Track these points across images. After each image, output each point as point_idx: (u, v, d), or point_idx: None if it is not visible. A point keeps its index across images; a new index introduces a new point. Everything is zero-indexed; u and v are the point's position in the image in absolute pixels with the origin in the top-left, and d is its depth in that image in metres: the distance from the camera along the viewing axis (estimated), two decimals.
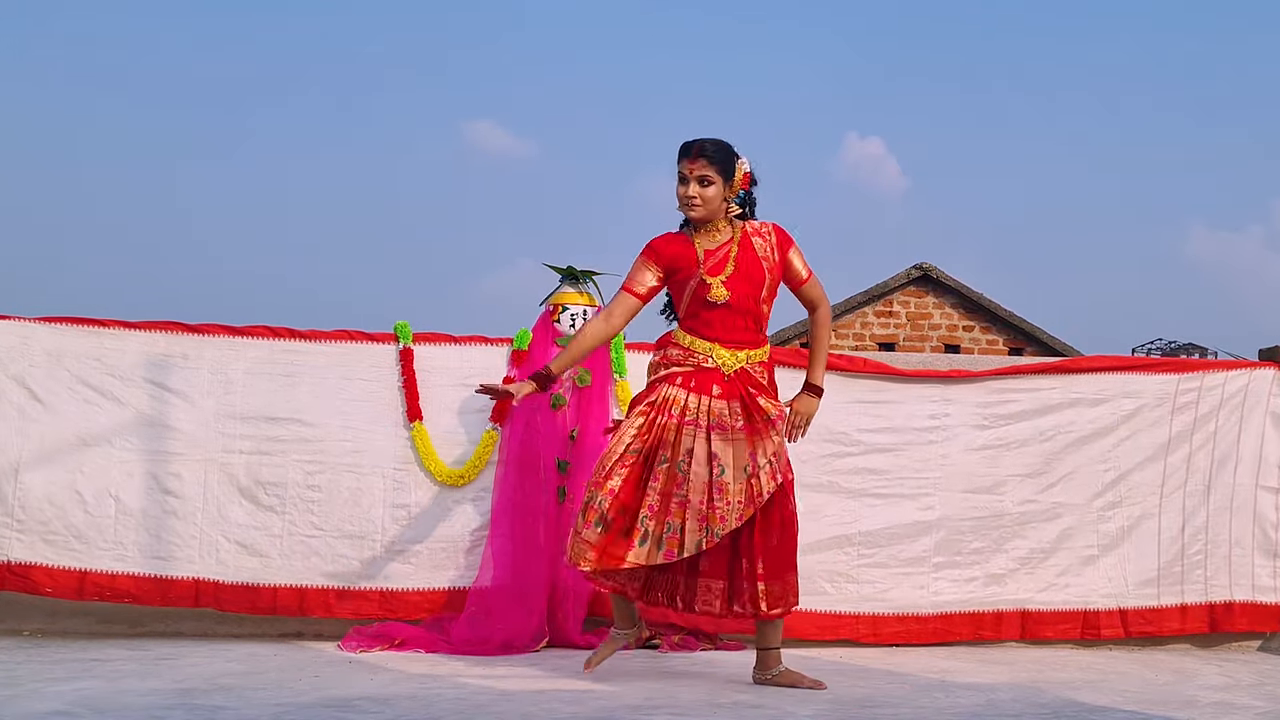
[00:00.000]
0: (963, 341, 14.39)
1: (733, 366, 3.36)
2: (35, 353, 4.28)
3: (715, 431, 3.30)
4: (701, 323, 3.38)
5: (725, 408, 3.32)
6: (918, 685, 3.51)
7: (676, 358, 3.40)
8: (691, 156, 3.33)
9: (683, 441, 3.29)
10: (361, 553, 4.28)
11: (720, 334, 3.37)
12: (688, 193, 3.35)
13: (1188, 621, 4.60)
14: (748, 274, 3.37)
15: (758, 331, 3.43)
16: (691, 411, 3.31)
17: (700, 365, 3.36)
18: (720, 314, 3.36)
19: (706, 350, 3.36)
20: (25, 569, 4.17)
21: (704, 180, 3.34)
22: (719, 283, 3.34)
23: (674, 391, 3.34)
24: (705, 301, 3.35)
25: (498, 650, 3.97)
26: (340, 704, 2.95)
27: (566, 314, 4.39)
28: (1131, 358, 5.07)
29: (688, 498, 3.26)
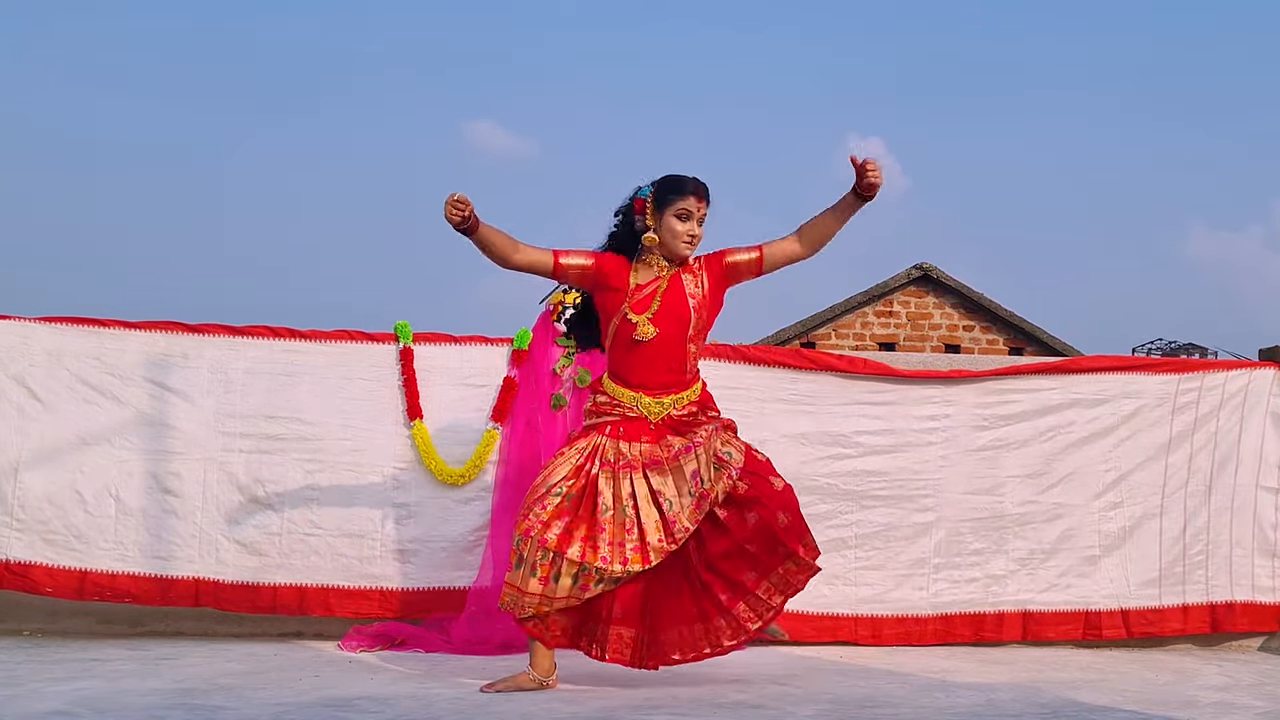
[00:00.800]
0: (963, 341, 14.39)
1: (659, 414, 3.32)
2: (35, 352, 4.28)
3: (650, 469, 3.26)
4: (625, 367, 3.34)
5: (654, 448, 3.30)
6: (918, 685, 3.51)
7: (604, 406, 3.36)
8: (699, 196, 3.32)
9: (622, 486, 3.24)
10: (361, 552, 4.28)
11: (645, 379, 3.32)
12: (692, 231, 3.33)
13: (1189, 622, 4.60)
14: (674, 313, 3.32)
15: (684, 372, 3.37)
16: (625, 457, 3.27)
17: (625, 415, 3.32)
18: (644, 356, 3.31)
19: (631, 400, 3.33)
20: (25, 568, 4.17)
21: (701, 220, 3.35)
22: (645, 320, 3.30)
23: (602, 441, 3.30)
24: (630, 341, 3.31)
25: (498, 650, 3.97)
26: (340, 704, 2.95)
27: (566, 314, 4.39)
28: (1131, 358, 5.06)
29: (642, 540, 3.20)
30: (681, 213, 3.32)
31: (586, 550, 3.18)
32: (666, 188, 3.36)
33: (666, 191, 3.35)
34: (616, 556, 3.18)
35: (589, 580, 3.19)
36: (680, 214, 3.32)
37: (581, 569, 3.18)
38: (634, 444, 3.29)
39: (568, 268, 3.33)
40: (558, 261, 3.31)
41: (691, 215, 3.32)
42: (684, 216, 3.32)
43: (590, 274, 3.36)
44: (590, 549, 3.18)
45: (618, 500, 3.23)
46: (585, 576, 3.19)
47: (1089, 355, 5.08)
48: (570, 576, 3.18)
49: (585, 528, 3.22)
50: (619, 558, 3.18)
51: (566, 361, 4.39)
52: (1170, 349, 16.31)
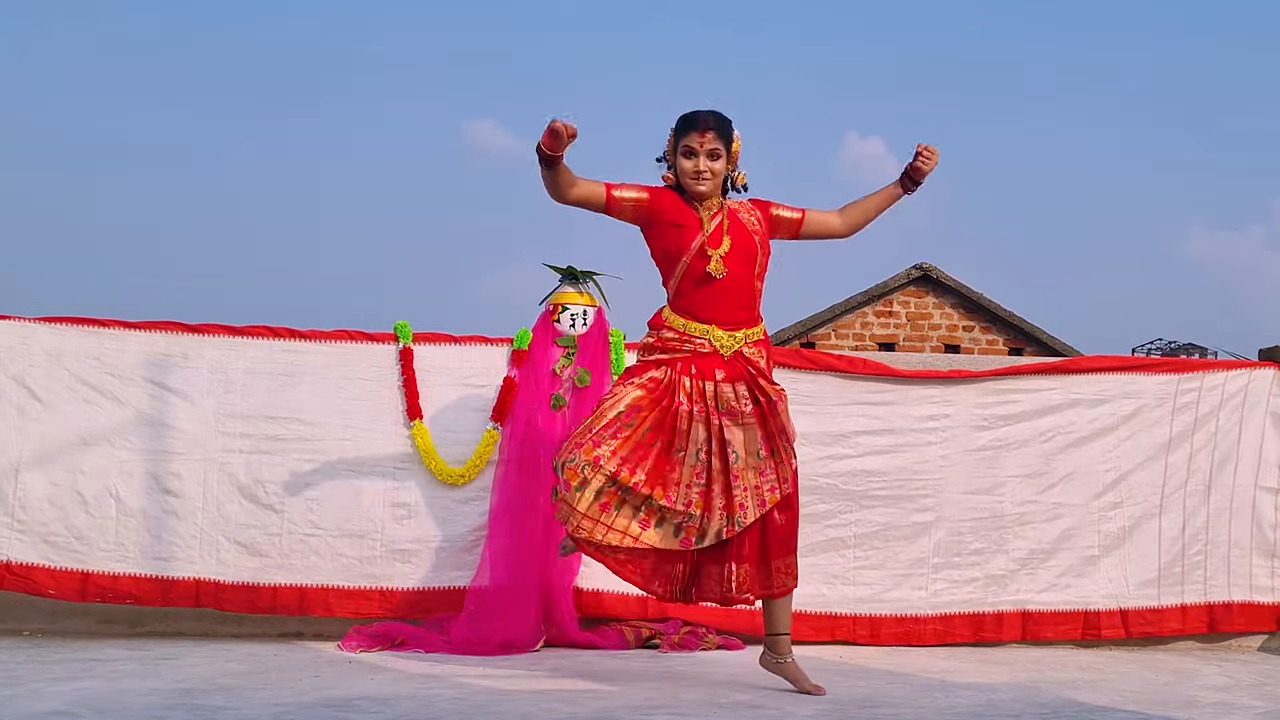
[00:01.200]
0: (963, 341, 14.39)
1: (731, 348, 3.28)
2: (35, 353, 4.28)
3: (726, 418, 3.24)
4: (695, 303, 3.29)
5: (732, 392, 3.25)
6: (918, 685, 3.51)
7: (671, 342, 3.30)
8: (700, 129, 3.26)
9: (695, 430, 3.22)
10: (361, 552, 4.28)
11: (715, 314, 3.28)
12: (698, 167, 3.27)
13: (1187, 622, 4.60)
14: (743, 248, 3.30)
15: (752, 309, 3.36)
16: (699, 399, 3.24)
17: (697, 350, 3.29)
18: (715, 292, 3.28)
19: (703, 333, 3.28)
20: (28, 570, 4.17)
21: (713, 154, 3.28)
22: (718, 256, 3.26)
23: (678, 377, 3.26)
24: (702, 276, 3.26)
25: (497, 650, 3.97)
26: (340, 704, 2.95)
27: (566, 314, 4.39)
28: (1131, 358, 5.06)
29: (709, 488, 3.20)
30: (685, 150, 3.28)
31: (656, 487, 3.18)
32: (676, 127, 3.34)
33: (676, 131, 3.33)
34: (681, 498, 3.18)
35: (650, 517, 3.18)
36: (684, 151, 3.29)
37: (647, 502, 3.18)
38: (709, 382, 3.25)
39: (621, 200, 3.29)
40: (610, 194, 3.27)
41: (696, 151, 3.26)
42: (688, 154, 3.28)
43: (645, 208, 3.31)
44: (660, 486, 3.18)
45: (693, 443, 3.21)
46: (649, 511, 3.18)
47: (1089, 355, 5.08)
48: (632, 508, 3.18)
49: (654, 462, 3.20)
50: (684, 499, 3.18)
51: (566, 361, 4.39)
52: (1170, 349, 16.30)
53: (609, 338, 4.44)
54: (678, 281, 3.32)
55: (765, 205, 3.42)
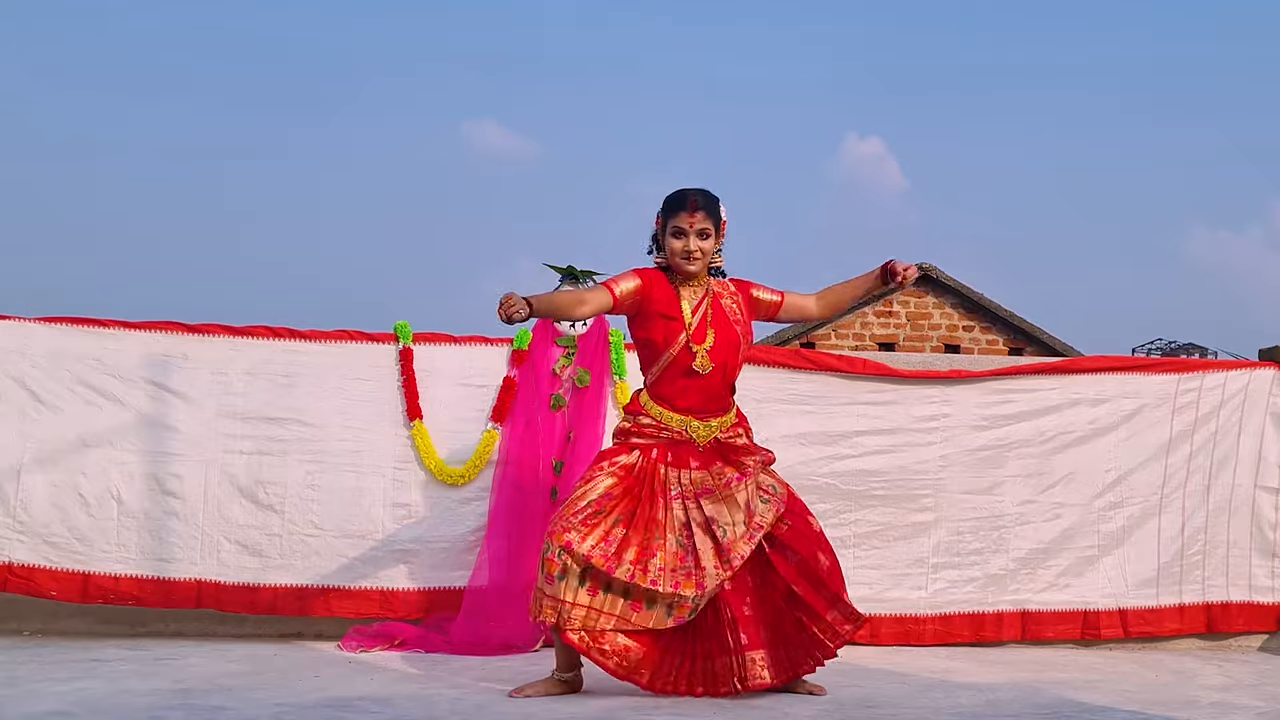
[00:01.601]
0: (963, 341, 14.39)
1: (707, 438, 3.28)
2: (36, 353, 4.28)
3: (704, 497, 3.21)
4: (676, 391, 3.27)
5: (706, 475, 3.25)
6: (918, 685, 3.51)
7: (648, 428, 3.28)
8: (690, 210, 3.24)
9: (674, 515, 3.18)
10: (361, 552, 4.28)
11: (695, 404, 3.27)
12: (688, 247, 3.25)
13: (1186, 621, 4.61)
14: (727, 341, 3.28)
15: (727, 397, 3.34)
16: (675, 485, 3.22)
17: (673, 439, 3.26)
18: (696, 385, 3.26)
19: (681, 425, 3.27)
20: (29, 571, 4.18)
21: (703, 233, 3.26)
22: (703, 352, 3.25)
23: (653, 466, 3.23)
24: (686, 370, 3.25)
25: (497, 650, 3.97)
26: (340, 704, 2.95)
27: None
28: (1131, 358, 5.07)
29: (696, 566, 3.14)
30: (675, 230, 3.27)
31: (636, 571, 3.12)
32: (665, 206, 3.32)
33: (664, 210, 3.32)
34: (667, 581, 3.11)
35: (640, 600, 3.13)
36: (674, 231, 3.27)
37: (630, 589, 3.13)
38: (684, 471, 3.24)
39: (624, 296, 3.27)
40: (614, 295, 3.26)
41: (685, 232, 3.25)
42: (678, 234, 3.26)
43: (640, 296, 3.28)
44: (640, 570, 3.12)
45: (671, 528, 3.18)
46: (637, 595, 3.13)
47: (1089, 355, 5.08)
48: (619, 595, 3.13)
49: (636, 550, 3.15)
50: (670, 582, 3.11)
51: (566, 361, 4.40)
52: (1170, 349, 16.30)
53: (609, 338, 4.44)
54: (660, 371, 3.30)
55: (746, 287, 3.40)
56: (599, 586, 3.13)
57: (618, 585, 3.13)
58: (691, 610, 3.13)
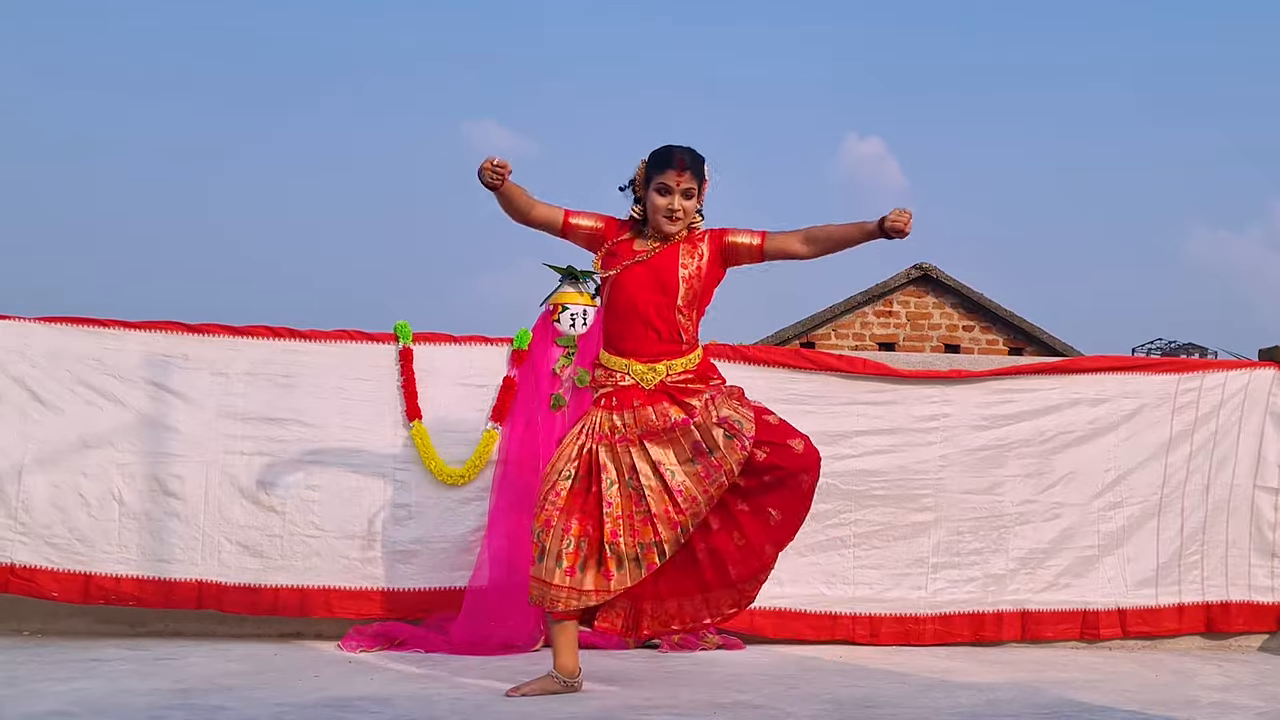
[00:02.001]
0: (963, 341, 14.38)
1: (651, 381, 3.23)
2: (36, 353, 4.28)
3: (648, 440, 3.19)
4: (615, 335, 3.29)
5: (650, 412, 3.20)
6: (918, 685, 3.52)
7: (601, 378, 3.30)
8: (678, 168, 3.23)
9: (622, 459, 3.18)
10: (362, 553, 4.28)
11: (633, 346, 3.25)
12: (671, 205, 3.24)
13: (1184, 621, 4.61)
14: (662, 282, 3.24)
15: (677, 341, 3.27)
16: (620, 429, 3.21)
17: (618, 384, 3.25)
18: (629, 325, 3.25)
19: (623, 367, 3.25)
20: (30, 572, 4.18)
21: (687, 193, 3.25)
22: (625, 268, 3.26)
23: (599, 415, 3.24)
24: (616, 308, 3.27)
25: (498, 650, 3.97)
26: (340, 704, 2.95)
27: (566, 314, 4.39)
28: (1131, 358, 5.07)
29: (650, 511, 3.15)
30: (660, 186, 3.24)
31: (605, 527, 3.14)
32: (651, 161, 3.30)
33: (651, 165, 3.30)
34: (624, 530, 3.15)
35: (609, 562, 3.15)
36: (659, 188, 3.24)
37: (601, 549, 3.15)
38: (626, 412, 3.21)
39: (577, 226, 3.31)
40: (567, 220, 3.30)
41: (671, 190, 3.23)
42: (663, 191, 3.24)
43: (598, 236, 3.32)
44: (607, 525, 3.14)
45: (620, 475, 3.18)
46: (604, 558, 3.15)
47: (1089, 355, 5.08)
48: (595, 562, 3.15)
49: (592, 504, 3.17)
50: (627, 531, 3.15)
51: (566, 361, 4.39)
52: (1170, 349, 16.29)
53: None
54: (604, 313, 3.34)
55: (720, 234, 3.34)
56: (576, 563, 3.14)
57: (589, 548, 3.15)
58: (659, 556, 3.15)
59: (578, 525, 3.15)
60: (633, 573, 3.16)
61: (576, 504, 3.17)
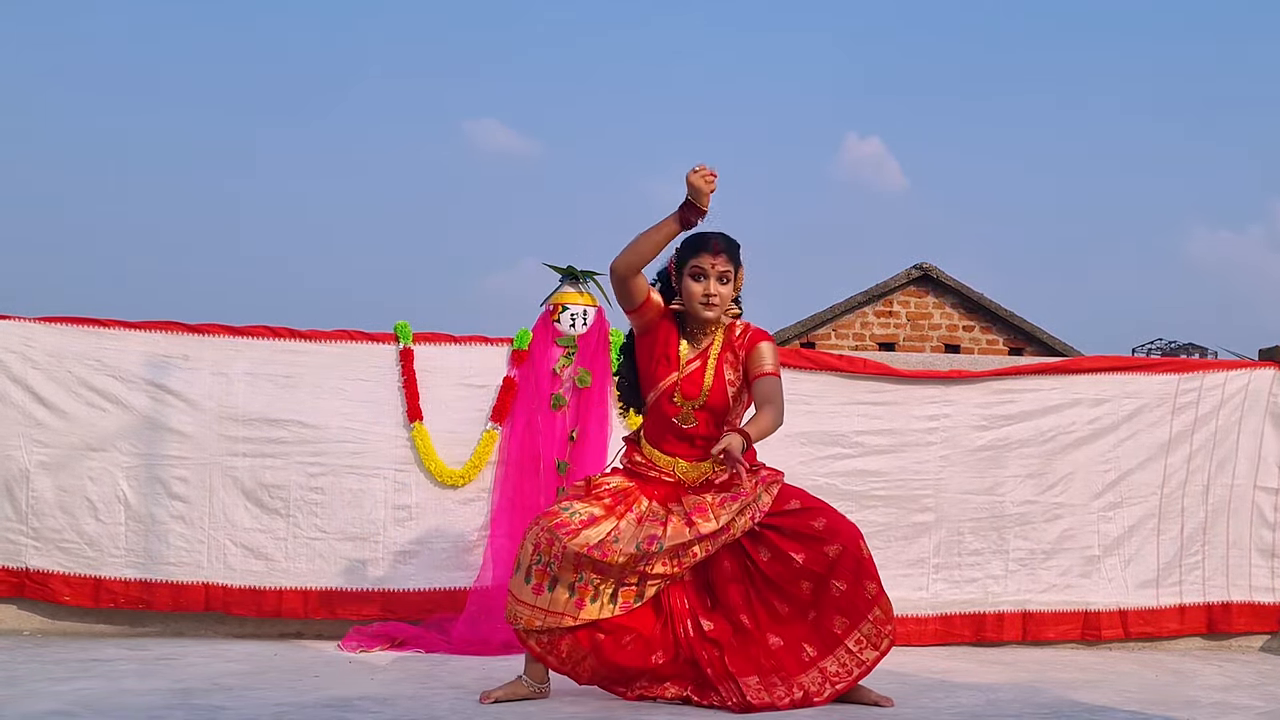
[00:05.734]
0: (963, 341, 14.38)
1: (696, 479, 3.15)
2: (38, 355, 4.29)
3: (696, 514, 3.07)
4: (661, 437, 3.17)
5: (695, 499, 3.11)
6: (918, 685, 3.51)
7: (641, 466, 3.19)
8: (713, 251, 3.10)
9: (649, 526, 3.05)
10: (364, 554, 4.28)
11: (683, 451, 3.15)
12: (708, 290, 3.09)
13: (1186, 622, 4.61)
14: (714, 403, 3.13)
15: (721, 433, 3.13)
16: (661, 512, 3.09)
17: (662, 478, 3.15)
18: (681, 433, 3.14)
19: (668, 465, 3.15)
20: (44, 577, 4.21)
21: (723, 277, 3.11)
22: (690, 410, 3.12)
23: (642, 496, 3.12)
24: (668, 419, 3.14)
25: (498, 650, 3.97)
26: (340, 704, 2.95)
27: (566, 314, 4.39)
28: (1131, 358, 5.07)
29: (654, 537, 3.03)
30: (695, 271, 3.11)
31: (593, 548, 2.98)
32: (683, 247, 3.15)
33: (683, 251, 3.15)
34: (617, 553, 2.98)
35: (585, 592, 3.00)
36: (694, 273, 3.11)
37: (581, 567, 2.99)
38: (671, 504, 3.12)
39: (652, 304, 3.12)
40: (649, 295, 3.11)
41: (707, 274, 3.09)
42: (698, 275, 3.10)
43: (659, 316, 3.16)
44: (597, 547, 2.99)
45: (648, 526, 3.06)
46: (581, 588, 3.00)
47: (1089, 355, 5.08)
48: (566, 587, 3.00)
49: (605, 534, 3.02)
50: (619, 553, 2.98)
51: (566, 361, 4.39)
52: (1170, 349, 16.29)
53: (609, 338, 4.44)
54: (651, 404, 3.19)
55: (760, 337, 3.18)
56: (545, 582, 3.01)
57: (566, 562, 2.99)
58: (638, 596, 3.03)
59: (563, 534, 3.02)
60: (604, 608, 3.03)
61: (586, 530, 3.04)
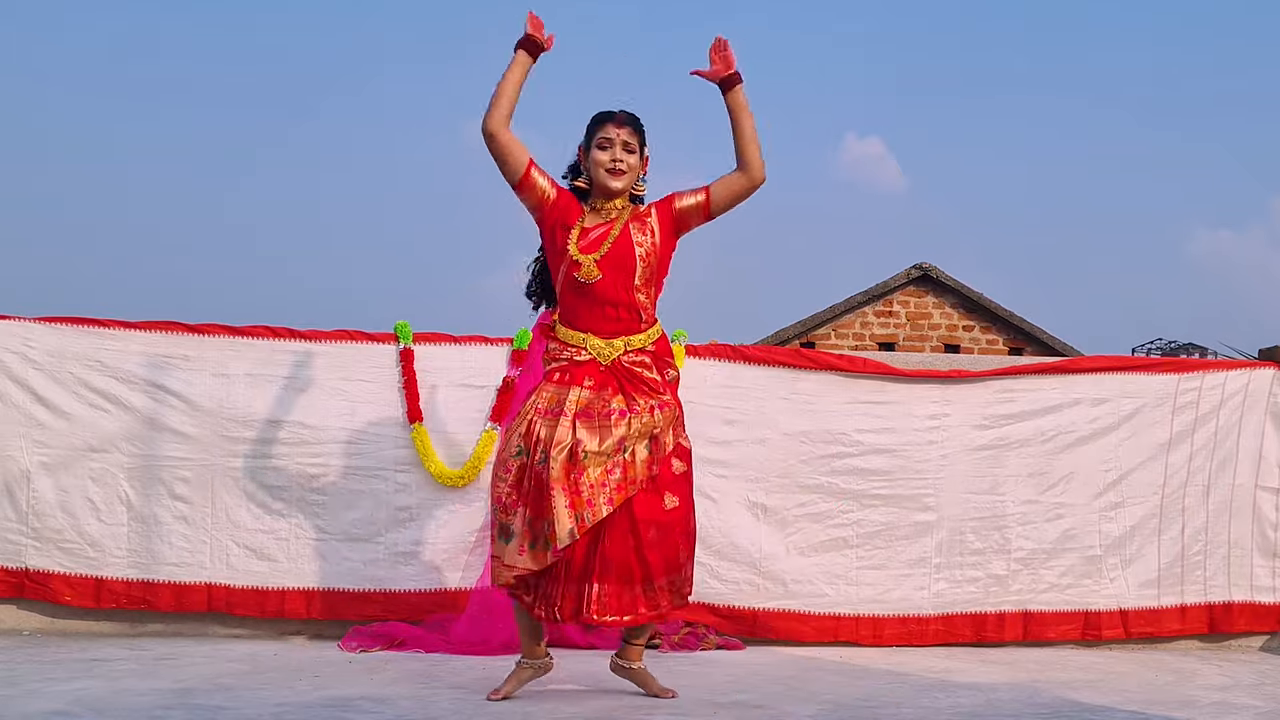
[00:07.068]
0: (963, 341, 14.38)
1: (609, 356, 3.15)
2: (38, 355, 4.29)
3: (580, 419, 3.08)
4: (573, 311, 3.19)
5: (594, 397, 3.11)
6: (918, 685, 3.51)
7: (555, 351, 3.21)
8: (617, 122, 3.18)
9: (550, 435, 3.06)
10: (365, 555, 4.28)
11: (591, 323, 3.16)
12: (615, 156, 3.16)
13: (1187, 622, 4.60)
14: (620, 260, 3.14)
15: (635, 319, 3.18)
16: (560, 404, 3.10)
17: (574, 359, 3.16)
18: (590, 301, 3.15)
19: (580, 341, 3.16)
20: (44, 577, 4.21)
21: (628, 147, 3.18)
22: (591, 262, 3.13)
23: (550, 389, 3.14)
24: (575, 283, 3.14)
25: (498, 650, 3.97)
26: (340, 704, 2.95)
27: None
28: (1131, 358, 5.06)
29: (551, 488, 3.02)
30: (601, 142, 3.18)
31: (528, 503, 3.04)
32: (589, 125, 3.25)
33: (589, 128, 3.24)
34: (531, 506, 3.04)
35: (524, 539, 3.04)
36: (600, 143, 3.18)
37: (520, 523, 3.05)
38: (574, 388, 3.12)
39: (534, 181, 3.16)
40: (529, 169, 3.15)
41: (612, 143, 3.17)
42: (604, 145, 3.17)
43: (549, 202, 3.18)
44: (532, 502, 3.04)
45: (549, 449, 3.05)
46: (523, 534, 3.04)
47: (1089, 355, 5.07)
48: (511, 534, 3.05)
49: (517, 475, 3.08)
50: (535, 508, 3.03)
51: None
52: (1170, 349, 16.28)
53: None
54: (560, 288, 3.22)
55: (667, 203, 3.24)
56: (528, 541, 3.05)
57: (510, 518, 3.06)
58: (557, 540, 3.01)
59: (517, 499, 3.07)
60: (540, 556, 3.04)
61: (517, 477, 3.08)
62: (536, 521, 3.05)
